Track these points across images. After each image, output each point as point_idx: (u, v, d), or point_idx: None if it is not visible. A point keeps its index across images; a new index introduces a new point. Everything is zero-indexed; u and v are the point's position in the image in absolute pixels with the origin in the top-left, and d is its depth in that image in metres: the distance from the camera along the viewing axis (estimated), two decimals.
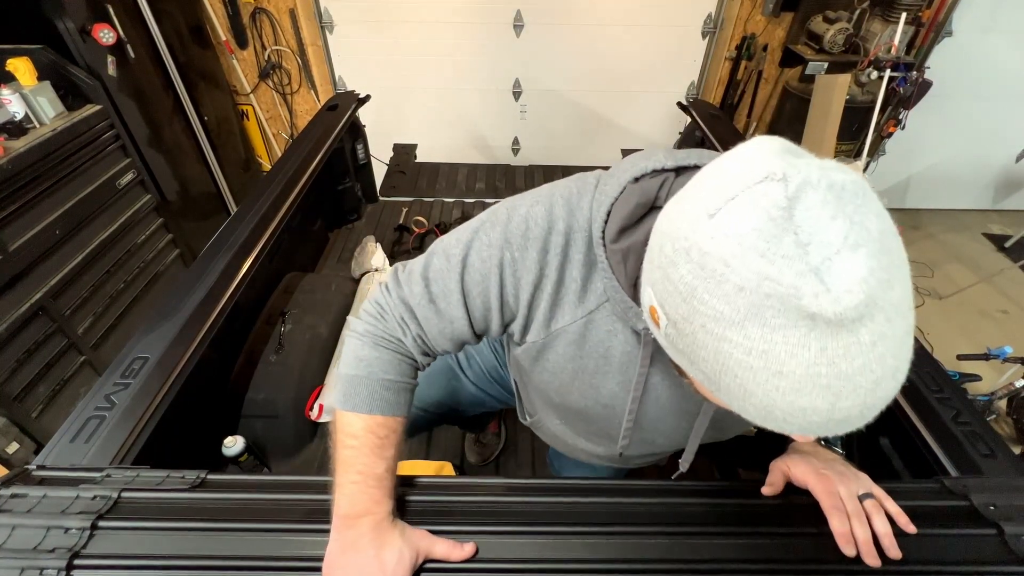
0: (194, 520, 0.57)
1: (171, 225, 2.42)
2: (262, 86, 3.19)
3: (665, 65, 3.20)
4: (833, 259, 0.33)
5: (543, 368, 0.65)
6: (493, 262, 0.57)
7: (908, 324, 0.36)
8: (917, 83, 2.59)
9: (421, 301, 0.61)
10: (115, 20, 2.10)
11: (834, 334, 0.33)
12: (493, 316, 0.60)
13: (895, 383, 0.37)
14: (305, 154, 1.75)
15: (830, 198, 0.34)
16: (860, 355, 0.34)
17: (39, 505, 0.56)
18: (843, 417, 0.36)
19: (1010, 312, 2.83)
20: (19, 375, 1.70)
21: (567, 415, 0.77)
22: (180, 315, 1.07)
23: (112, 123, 2.07)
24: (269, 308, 1.58)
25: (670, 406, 0.64)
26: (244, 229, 1.35)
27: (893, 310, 0.35)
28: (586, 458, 0.87)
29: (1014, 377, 2.09)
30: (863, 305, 0.33)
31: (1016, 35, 2.94)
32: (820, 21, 2.73)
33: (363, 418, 0.59)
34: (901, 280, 0.35)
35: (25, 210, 1.71)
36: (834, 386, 0.34)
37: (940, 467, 0.82)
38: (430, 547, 0.54)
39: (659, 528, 0.58)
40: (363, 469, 0.56)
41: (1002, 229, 3.49)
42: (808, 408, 0.36)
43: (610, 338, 0.58)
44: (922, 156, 3.44)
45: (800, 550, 0.57)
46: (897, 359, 0.36)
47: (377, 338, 0.63)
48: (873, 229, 0.34)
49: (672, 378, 0.61)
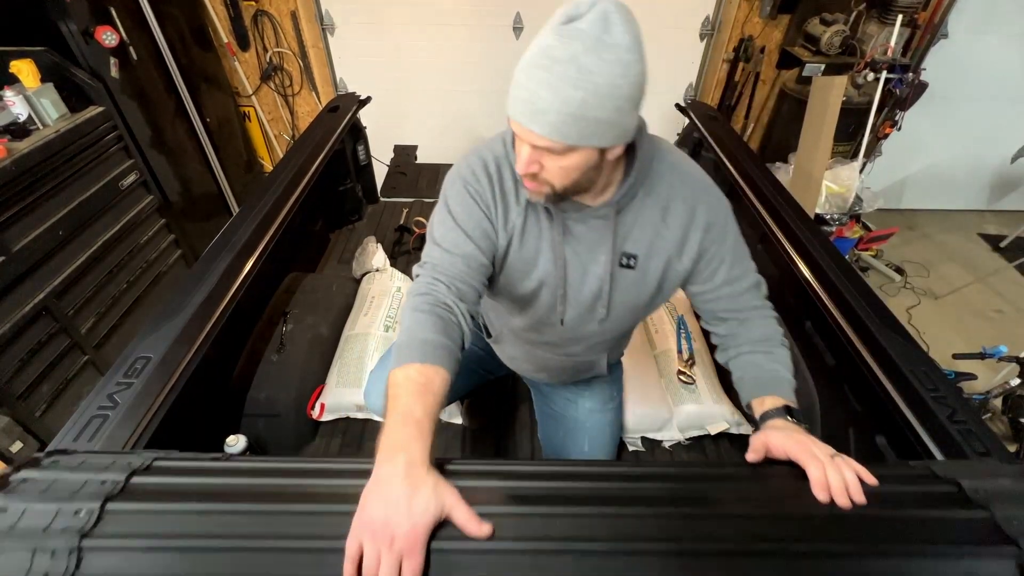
0: (203, 502, 0.58)
1: (173, 226, 2.44)
2: (264, 88, 3.21)
3: (663, 67, 3.22)
4: (584, 15, 0.60)
5: (511, 268, 0.86)
6: (464, 196, 0.81)
7: (610, 76, 0.60)
8: (913, 85, 2.61)
9: (437, 253, 0.80)
10: (118, 22, 2.12)
11: (556, 35, 0.60)
12: (487, 228, 0.81)
13: (572, 99, 0.61)
14: (306, 155, 1.77)
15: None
16: (562, 58, 0.60)
17: (49, 489, 0.57)
18: (530, 93, 0.62)
19: (1005, 312, 2.85)
20: (23, 375, 1.72)
21: (517, 308, 0.96)
22: (182, 315, 1.08)
23: (115, 124, 2.09)
24: (271, 308, 1.60)
25: (583, 268, 0.85)
26: (246, 230, 1.37)
27: (600, 59, 0.60)
28: (543, 360, 1.06)
29: (1009, 376, 2.10)
30: (583, 35, 0.59)
31: (1011, 37, 2.96)
32: (817, 23, 2.75)
33: (405, 368, 0.67)
34: (620, 60, 0.61)
35: (28, 211, 1.72)
36: (538, 66, 0.61)
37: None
38: (453, 508, 0.55)
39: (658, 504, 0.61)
40: (403, 411, 0.62)
41: (997, 229, 3.51)
42: (521, 81, 0.63)
43: (539, 223, 0.83)
44: (918, 157, 3.47)
45: (781, 503, 0.63)
46: (577, 87, 0.60)
47: (417, 303, 0.75)
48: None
49: (581, 246, 0.84)
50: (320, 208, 2.21)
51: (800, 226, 1.46)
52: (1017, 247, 3.25)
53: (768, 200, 1.60)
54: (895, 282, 3.05)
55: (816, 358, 1.37)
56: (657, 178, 0.81)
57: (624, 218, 0.81)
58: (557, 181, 0.71)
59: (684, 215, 0.81)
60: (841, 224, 2.69)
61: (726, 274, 0.85)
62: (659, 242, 0.83)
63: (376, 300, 1.74)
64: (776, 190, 1.64)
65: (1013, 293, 2.96)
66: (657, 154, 0.80)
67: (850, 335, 1.12)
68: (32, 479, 0.58)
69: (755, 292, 0.88)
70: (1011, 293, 2.96)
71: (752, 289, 0.88)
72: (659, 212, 0.81)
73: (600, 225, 0.81)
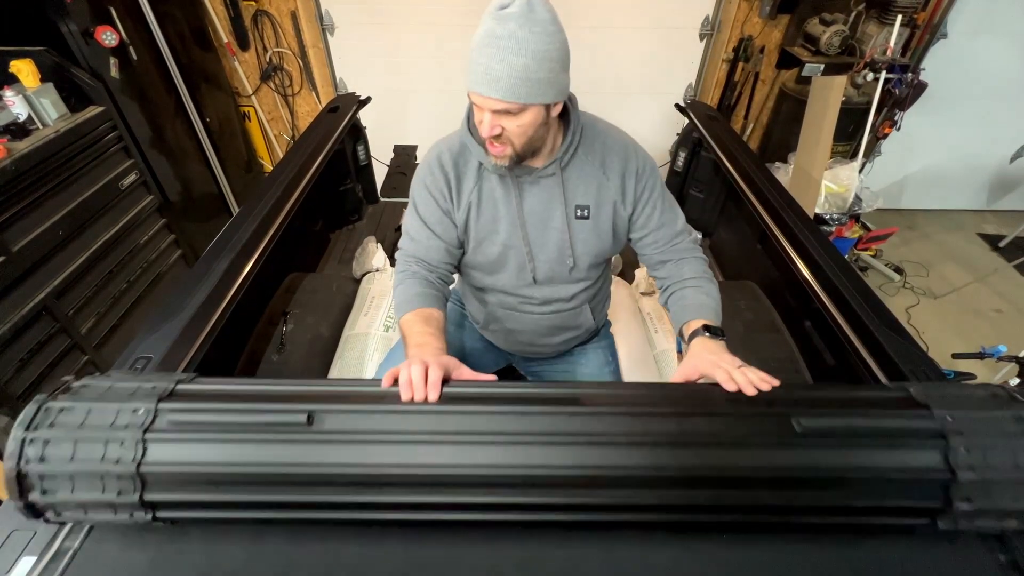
0: (239, 402, 0.68)
1: (173, 226, 2.44)
2: (264, 88, 3.21)
3: (663, 67, 3.22)
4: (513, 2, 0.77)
5: (475, 237, 1.01)
6: (425, 194, 1.01)
7: (541, 44, 0.78)
8: (912, 85, 2.61)
9: (408, 242, 1.04)
10: (118, 22, 2.12)
11: (494, 20, 0.77)
12: (444, 220, 1.00)
13: (517, 65, 0.78)
14: (306, 155, 1.77)
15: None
16: (503, 34, 0.77)
17: (107, 393, 0.66)
18: (484, 67, 0.79)
19: (1004, 311, 2.85)
20: (23, 375, 1.72)
21: (493, 278, 1.08)
22: (182, 315, 1.09)
23: (115, 124, 2.09)
24: (271, 308, 1.60)
25: (543, 224, 1.00)
26: (246, 230, 1.37)
27: (531, 32, 0.77)
28: (535, 324, 1.14)
29: (1008, 375, 2.11)
30: (514, 15, 0.76)
31: (1010, 37, 2.96)
32: (816, 23, 2.76)
33: (409, 314, 0.93)
34: (547, 32, 0.79)
35: (29, 211, 1.73)
36: (486, 44, 0.78)
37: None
38: (462, 368, 0.81)
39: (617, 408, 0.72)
40: (420, 330, 0.89)
41: (996, 229, 3.52)
42: (475, 59, 0.80)
43: (494, 193, 0.98)
44: (917, 157, 3.47)
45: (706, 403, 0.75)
46: (519, 55, 0.77)
47: (401, 277, 1.00)
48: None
49: (537, 205, 0.98)
50: (320, 208, 2.21)
51: (800, 226, 1.46)
52: (1016, 247, 3.25)
53: (768, 200, 1.60)
54: (894, 282, 3.05)
55: (816, 357, 1.37)
56: (591, 139, 0.99)
57: (569, 174, 0.98)
58: (516, 139, 0.87)
59: (619, 165, 0.99)
60: (840, 224, 2.69)
61: (659, 217, 1.03)
62: (604, 191, 1.00)
63: (376, 300, 1.74)
64: (776, 190, 1.65)
65: (1012, 293, 2.96)
66: (588, 121, 0.99)
67: (849, 335, 1.13)
68: (90, 385, 0.67)
69: (685, 236, 1.07)
70: (1010, 293, 2.96)
71: (683, 232, 1.06)
72: (598, 166, 0.99)
73: (550, 183, 0.98)
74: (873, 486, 0.64)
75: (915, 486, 0.63)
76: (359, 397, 0.73)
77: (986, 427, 0.64)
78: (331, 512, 0.66)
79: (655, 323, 1.75)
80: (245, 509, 0.65)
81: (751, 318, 1.60)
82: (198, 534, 0.67)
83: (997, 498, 0.61)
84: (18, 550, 0.66)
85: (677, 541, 0.67)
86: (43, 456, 0.59)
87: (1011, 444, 0.62)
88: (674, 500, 0.65)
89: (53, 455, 0.60)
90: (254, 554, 0.66)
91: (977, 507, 0.61)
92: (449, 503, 0.65)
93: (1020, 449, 0.62)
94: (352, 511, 0.66)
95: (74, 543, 0.66)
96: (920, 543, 0.67)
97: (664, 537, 0.68)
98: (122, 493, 0.60)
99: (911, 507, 0.64)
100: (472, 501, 0.65)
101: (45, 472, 0.60)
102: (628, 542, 0.67)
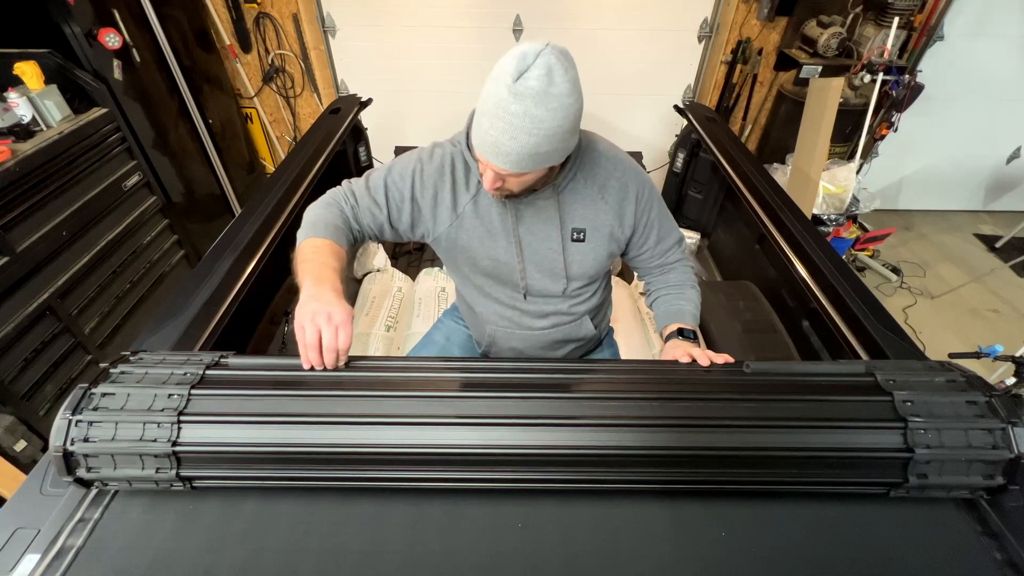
0: (264, 388, 0.74)
1: (176, 226, 2.45)
2: (266, 90, 3.22)
3: (662, 69, 3.24)
4: (530, 68, 0.73)
5: (464, 248, 1.02)
6: (409, 169, 0.98)
7: (556, 121, 0.76)
8: (909, 86, 2.63)
9: (360, 189, 0.99)
10: (121, 25, 2.14)
11: (510, 94, 0.74)
12: (404, 208, 0.99)
13: (528, 144, 0.77)
14: (308, 157, 1.78)
15: (544, 59, 0.74)
16: (518, 112, 0.74)
17: (144, 379, 0.73)
18: (494, 140, 0.78)
19: (1001, 311, 2.87)
20: (27, 374, 1.73)
21: (485, 288, 1.09)
22: (185, 315, 1.10)
23: (118, 126, 2.10)
24: (272, 308, 1.61)
25: (538, 245, 1.01)
26: (248, 230, 1.38)
27: (547, 109, 0.74)
28: (537, 339, 1.15)
29: (1005, 375, 2.12)
30: (532, 92, 0.73)
31: (1006, 39, 2.98)
32: (814, 26, 2.78)
33: (315, 240, 0.90)
34: (563, 106, 0.76)
35: (33, 211, 1.74)
36: (498, 117, 0.76)
37: None
38: (347, 324, 0.79)
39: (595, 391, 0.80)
40: (323, 261, 0.86)
41: (993, 230, 3.53)
42: (485, 127, 0.78)
43: (490, 210, 0.99)
44: (914, 158, 3.49)
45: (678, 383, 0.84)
46: (532, 135, 0.76)
47: (327, 204, 0.98)
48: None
49: (534, 226, 0.99)
50: None
51: (797, 227, 1.48)
52: (1012, 247, 3.27)
53: (766, 201, 1.62)
54: (891, 282, 3.07)
55: (813, 357, 1.39)
56: (591, 164, 0.98)
57: (566, 197, 0.98)
58: (516, 189, 0.89)
59: (618, 191, 1.00)
60: (838, 224, 2.70)
61: (656, 236, 1.07)
62: (601, 215, 1.01)
63: (377, 300, 1.76)
64: (774, 191, 1.66)
65: (1009, 293, 2.98)
66: (590, 145, 0.99)
67: (847, 335, 1.14)
68: (128, 372, 0.74)
69: (677, 248, 1.11)
70: (1007, 293, 2.98)
71: (675, 245, 1.11)
72: (597, 190, 0.99)
73: (546, 206, 0.98)
74: (837, 462, 0.71)
75: (876, 462, 0.70)
76: (374, 383, 0.78)
77: (942, 409, 0.70)
78: (343, 483, 0.73)
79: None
80: (264, 480, 0.72)
81: (749, 318, 1.61)
82: (216, 497, 0.75)
83: (948, 474, 0.69)
84: (22, 548, 0.66)
85: (661, 502, 0.75)
86: (87, 437, 0.66)
87: (964, 425, 0.69)
88: (663, 476, 0.72)
89: (97, 436, 0.67)
90: (271, 512, 0.73)
91: (929, 482, 0.69)
92: (454, 478, 0.72)
93: (971, 430, 0.69)
94: (363, 482, 0.73)
95: (95, 513, 0.72)
96: (881, 505, 0.74)
97: (651, 499, 0.75)
98: (160, 470, 0.68)
99: (872, 481, 0.72)
100: (475, 477, 0.72)
101: (89, 452, 0.67)
102: (618, 502, 0.75)
